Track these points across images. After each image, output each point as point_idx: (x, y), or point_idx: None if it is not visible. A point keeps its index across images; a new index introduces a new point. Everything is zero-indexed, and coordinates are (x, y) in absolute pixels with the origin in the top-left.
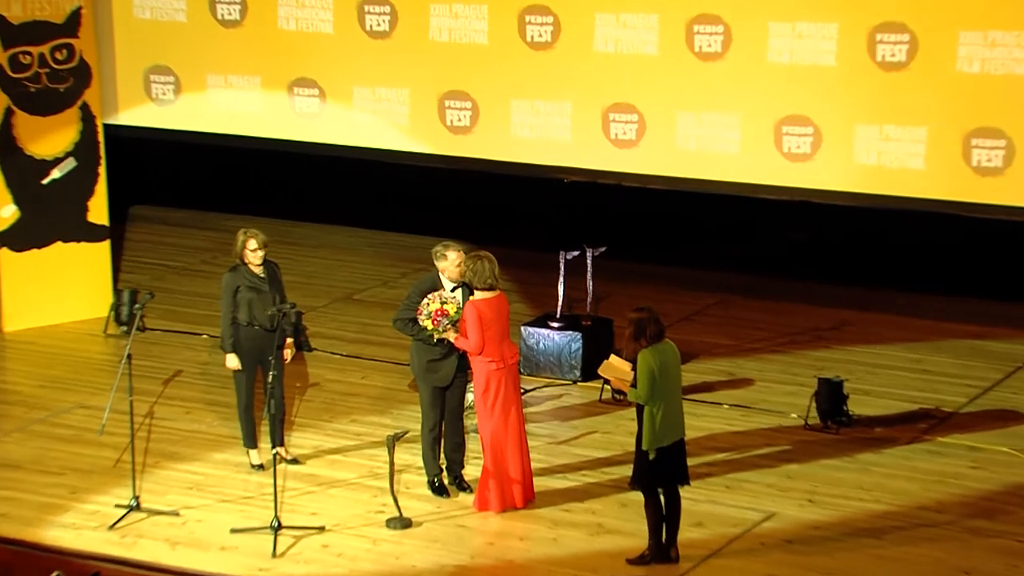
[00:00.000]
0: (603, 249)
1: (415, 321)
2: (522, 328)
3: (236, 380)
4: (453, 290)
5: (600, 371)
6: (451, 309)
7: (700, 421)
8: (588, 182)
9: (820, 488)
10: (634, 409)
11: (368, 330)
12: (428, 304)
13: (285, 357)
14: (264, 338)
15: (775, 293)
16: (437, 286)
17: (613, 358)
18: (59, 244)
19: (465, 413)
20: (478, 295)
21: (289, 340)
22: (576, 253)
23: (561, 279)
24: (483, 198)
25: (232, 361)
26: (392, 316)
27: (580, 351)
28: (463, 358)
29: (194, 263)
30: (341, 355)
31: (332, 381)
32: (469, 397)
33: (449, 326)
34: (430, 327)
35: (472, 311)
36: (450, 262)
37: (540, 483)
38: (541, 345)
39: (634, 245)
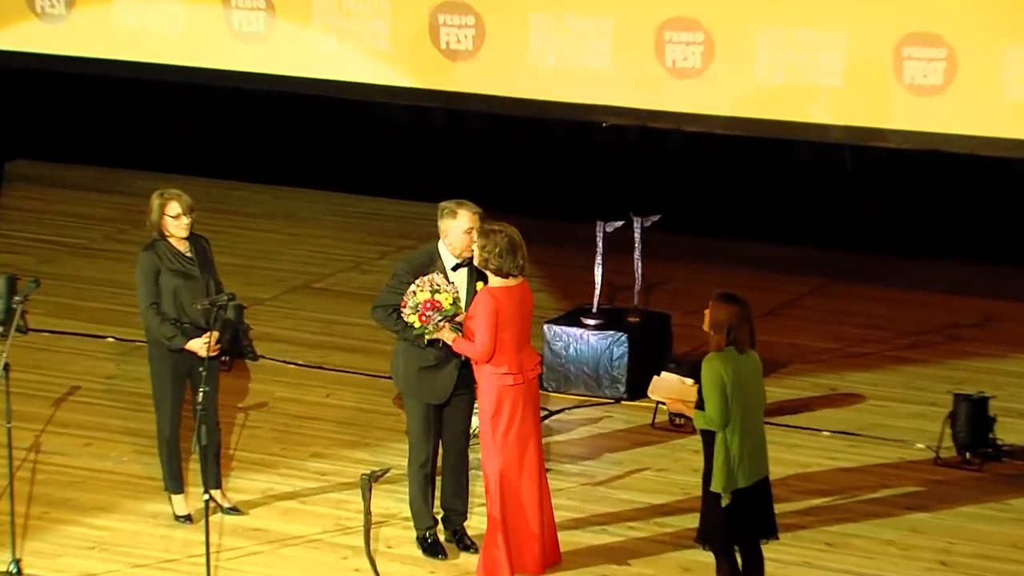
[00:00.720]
0: (656, 218)
1: (399, 313)
2: (545, 327)
3: (156, 399)
4: (455, 268)
5: (651, 392)
6: (445, 301)
7: (791, 453)
8: (635, 126)
9: (957, 546)
10: (699, 438)
11: (334, 330)
12: (415, 293)
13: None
14: None
15: (894, 277)
16: (434, 262)
17: (666, 374)
18: None
19: (471, 441)
20: (495, 281)
21: (214, 333)
22: (619, 224)
23: (598, 260)
24: (490, 149)
25: (196, 343)
26: (371, 304)
27: (625, 358)
28: (467, 367)
29: (95, 239)
30: (297, 364)
31: (286, 400)
32: (475, 422)
33: (443, 324)
34: (417, 325)
35: (487, 302)
36: (458, 225)
37: (567, 539)
38: (571, 351)
39: (698, 212)
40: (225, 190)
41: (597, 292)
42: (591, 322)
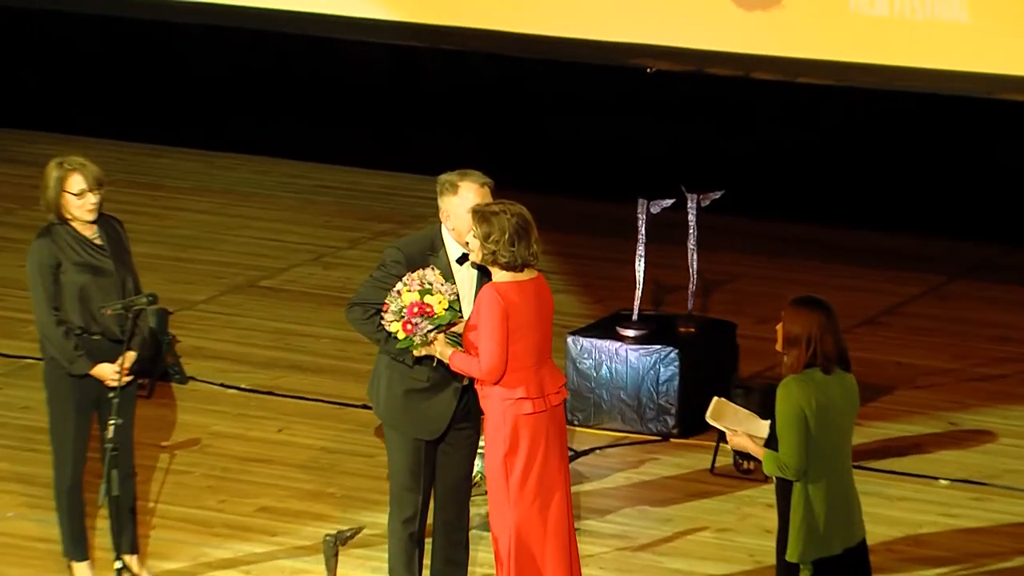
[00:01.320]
0: (718, 195)
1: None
2: (568, 340)
3: (54, 436)
4: (461, 261)
5: (710, 418)
6: (437, 306)
7: (897, 509)
8: (689, 72)
9: None
10: (772, 487)
11: (289, 343)
12: (399, 293)
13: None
14: (107, 356)
15: None
16: (436, 251)
17: (725, 402)
18: None
19: (472, 491)
20: (501, 276)
21: (129, 354)
22: (668, 203)
23: (640, 251)
24: (498, 104)
25: (105, 370)
26: (346, 303)
27: (676, 381)
28: (471, 391)
29: None
30: (240, 389)
31: (225, 437)
32: (478, 465)
33: (434, 335)
34: (401, 336)
35: (493, 303)
36: (461, 202)
37: None
38: (604, 371)
39: (774, 190)
40: (146, 157)
41: (638, 293)
42: (631, 333)
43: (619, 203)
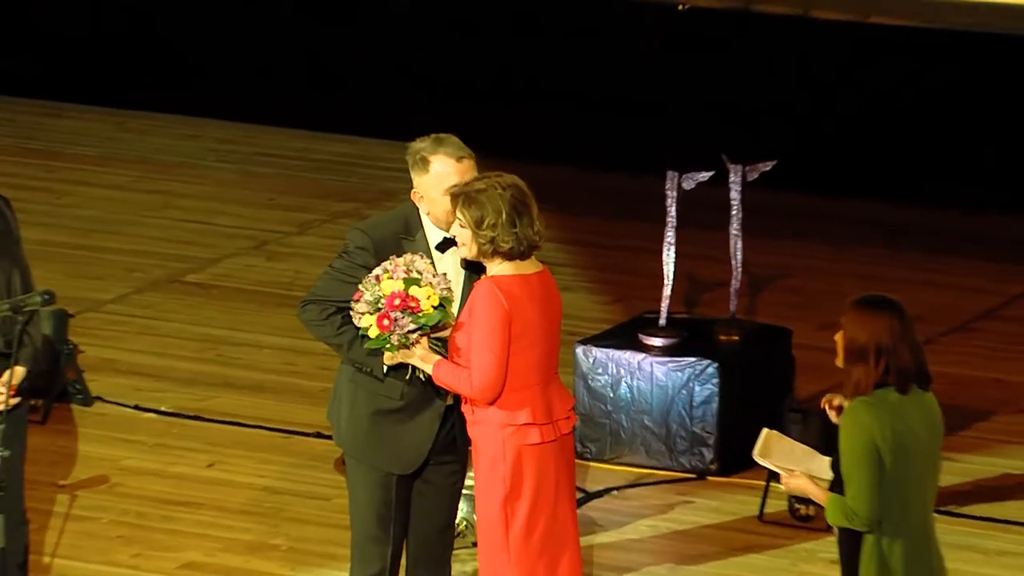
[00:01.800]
0: (768, 167)
1: (347, 316)
2: (577, 350)
3: None
4: (442, 248)
5: (758, 455)
6: (425, 300)
7: (993, 566)
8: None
9: None
10: (836, 539)
11: (222, 354)
12: (378, 279)
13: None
14: None
15: None
16: (411, 234)
17: (778, 435)
18: None
19: (455, 543)
20: (501, 267)
21: (18, 370)
22: (705, 177)
23: (670, 237)
24: (489, 52)
25: None
26: (299, 302)
27: (714, 403)
28: (455, 414)
29: None
30: (160, 413)
31: (140, 473)
32: (464, 510)
33: (417, 337)
34: (374, 334)
35: (491, 301)
36: (434, 179)
37: None
38: (624, 390)
39: (838, 160)
40: (39, 117)
41: (667, 292)
42: (657, 342)
43: (642, 176)
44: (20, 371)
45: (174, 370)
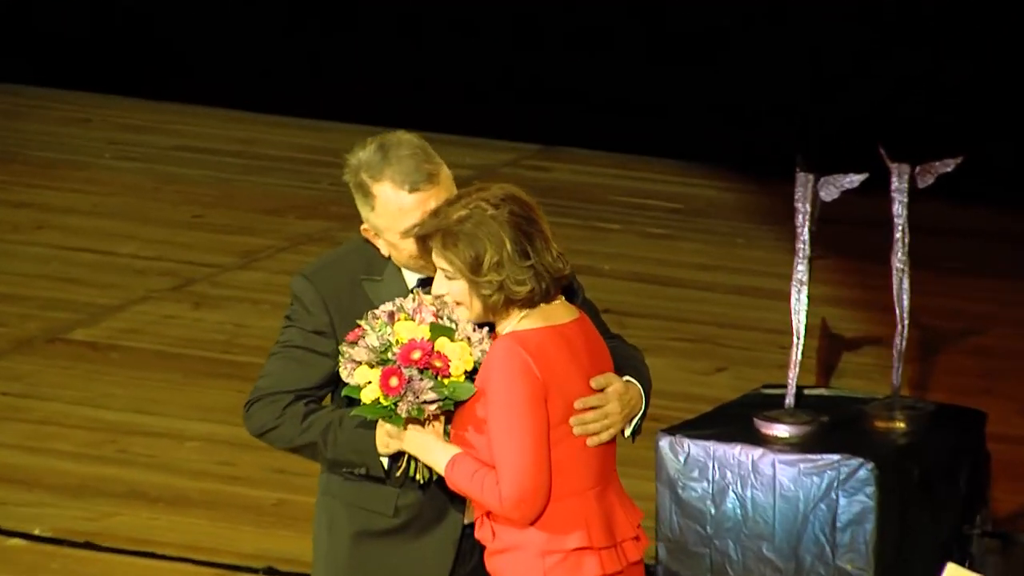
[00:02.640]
0: (950, 167)
1: (311, 400)
2: (660, 442)
3: None
4: (422, 285)
5: None
6: (456, 362)
7: None
8: None
9: None
10: None
11: (128, 449)
12: (386, 320)
13: None
14: None
15: None
16: (372, 272)
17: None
18: None
19: None
20: (520, 321)
21: None
22: (854, 181)
23: (800, 270)
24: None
25: None
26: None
27: (870, 524)
28: (472, 536)
29: None
30: (34, 539)
31: None
32: None
33: (434, 411)
34: (369, 398)
35: (511, 363)
36: (389, 214)
37: None
38: (731, 504)
39: None
40: None
41: (796, 354)
42: (782, 431)
43: (755, 179)
44: None
45: (54, 474)
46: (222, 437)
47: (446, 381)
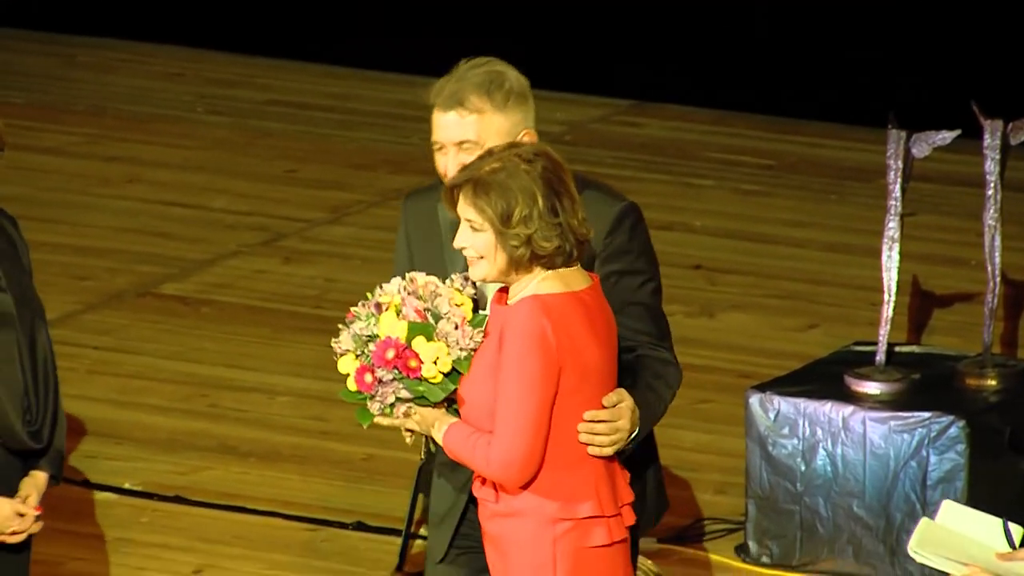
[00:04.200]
0: None
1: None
2: (749, 399)
3: None
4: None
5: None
6: (428, 364)
7: None
8: None
9: None
10: None
11: (218, 404)
12: (374, 310)
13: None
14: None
15: None
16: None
17: (971, 512)
18: None
19: None
20: (541, 284)
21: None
22: (946, 138)
23: (891, 227)
24: None
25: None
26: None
27: (961, 481)
28: (471, 500)
29: None
30: (125, 493)
31: None
32: None
33: (406, 410)
34: (352, 387)
35: (532, 331)
36: (434, 141)
37: None
38: (820, 462)
39: None
40: None
41: (887, 311)
42: (873, 388)
43: (848, 135)
44: (42, 478)
45: (144, 428)
46: (312, 392)
47: (418, 383)
